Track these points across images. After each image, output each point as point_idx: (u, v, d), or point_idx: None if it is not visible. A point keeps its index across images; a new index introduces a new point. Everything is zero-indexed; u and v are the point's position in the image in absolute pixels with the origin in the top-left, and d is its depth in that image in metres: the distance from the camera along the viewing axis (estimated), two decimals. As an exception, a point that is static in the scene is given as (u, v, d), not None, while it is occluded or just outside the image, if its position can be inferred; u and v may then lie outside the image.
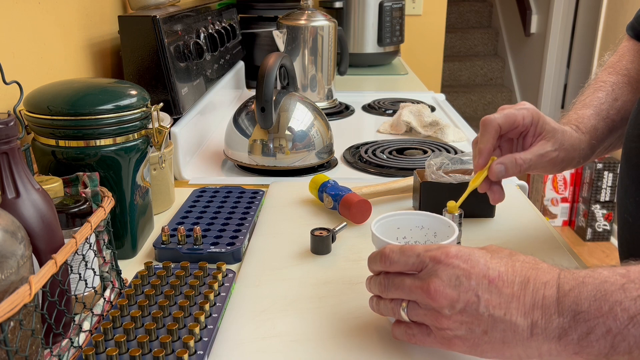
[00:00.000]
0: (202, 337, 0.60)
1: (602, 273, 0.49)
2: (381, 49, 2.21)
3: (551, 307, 0.49)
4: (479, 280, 0.51)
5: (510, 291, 0.50)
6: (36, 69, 0.89)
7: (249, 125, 1.09)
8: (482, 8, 5.05)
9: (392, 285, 0.56)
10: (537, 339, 0.49)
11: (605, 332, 0.46)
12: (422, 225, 0.66)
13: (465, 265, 0.52)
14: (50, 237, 0.55)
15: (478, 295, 0.51)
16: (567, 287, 0.49)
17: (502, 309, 0.50)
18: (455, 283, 0.51)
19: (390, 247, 0.56)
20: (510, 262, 0.52)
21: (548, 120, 0.76)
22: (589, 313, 0.47)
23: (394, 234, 0.66)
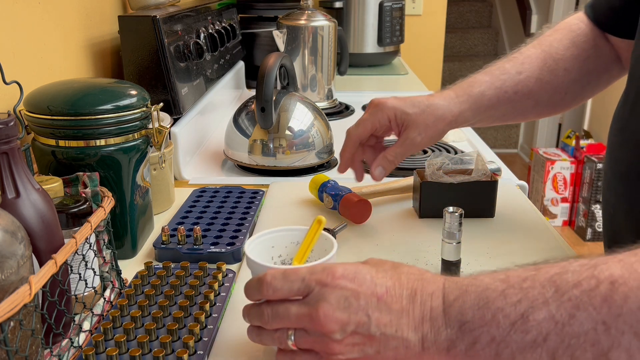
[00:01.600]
0: (202, 337, 0.60)
1: (483, 280, 0.48)
2: (381, 49, 2.21)
3: (439, 318, 0.48)
4: (368, 298, 0.49)
5: (399, 306, 0.49)
6: (36, 69, 0.89)
7: (249, 125, 1.09)
8: (482, 8, 5.05)
9: (276, 316, 0.51)
10: (429, 352, 0.48)
11: (489, 341, 0.46)
12: (297, 241, 0.63)
13: (352, 285, 0.49)
14: (50, 237, 0.55)
15: (368, 314, 0.49)
16: (452, 297, 0.48)
17: (393, 327, 0.49)
18: (345, 305, 0.49)
19: (272, 273, 0.52)
20: (396, 275, 0.51)
21: (408, 108, 0.79)
22: (474, 322, 0.47)
23: (269, 254, 0.62)
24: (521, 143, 4.50)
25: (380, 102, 0.81)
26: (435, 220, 0.88)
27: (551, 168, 3.26)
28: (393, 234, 0.85)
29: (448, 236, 0.71)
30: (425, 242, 0.82)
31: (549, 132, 4.11)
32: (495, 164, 1.07)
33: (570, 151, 3.34)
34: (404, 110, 0.79)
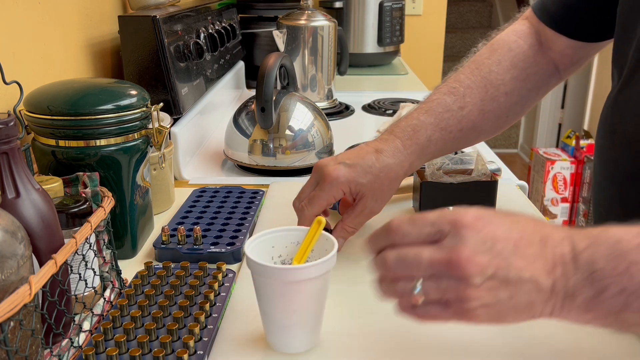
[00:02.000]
0: (202, 337, 0.60)
1: (615, 233, 0.48)
2: (381, 49, 2.21)
3: (569, 264, 0.48)
4: (505, 243, 0.48)
5: (533, 251, 0.48)
6: (36, 69, 0.89)
7: (249, 125, 1.09)
8: (482, 8, 5.05)
9: (403, 261, 0.49)
10: (556, 297, 0.48)
11: (619, 291, 0.46)
12: (297, 241, 0.63)
13: (490, 227, 0.48)
14: (50, 237, 0.55)
15: (507, 259, 0.47)
16: (582, 245, 0.48)
17: (528, 270, 0.48)
18: (485, 248, 0.47)
19: (398, 220, 0.51)
20: (523, 221, 0.50)
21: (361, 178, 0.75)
22: (604, 271, 0.46)
23: (269, 254, 0.62)
24: (521, 143, 4.50)
25: (332, 176, 0.75)
26: (435, 220, 0.88)
27: (551, 168, 3.26)
28: (393, 234, 0.85)
29: (448, 236, 0.71)
30: (425, 242, 0.82)
31: (549, 132, 4.11)
32: (495, 164, 1.07)
33: (571, 151, 3.34)
34: (358, 182, 0.75)
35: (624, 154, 0.71)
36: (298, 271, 0.55)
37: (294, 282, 0.55)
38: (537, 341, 0.60)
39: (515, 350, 0.59)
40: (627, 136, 0.71)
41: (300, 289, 0.56)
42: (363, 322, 0.64)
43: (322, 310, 0.60)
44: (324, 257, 0.57)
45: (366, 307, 0.67)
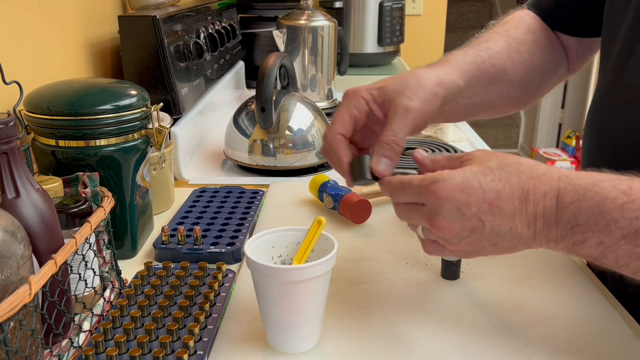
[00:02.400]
0: (202, 337, 0.60)
1: (603, 187, 0.50)
2: (381, 49, 2.21)
3: (551, 217, 0.52)
4: (479, 205, 0.52)
5: (511, 207, 0.52)
6: (36, 69, 0.89)
7: (249, 125, 1.09)
8: (482, 8, 5.05)
9: (404, 215, 0.58)
10: (539, 242, 0.53)
11: (597, 243, 0.50)
12: (297, 241, 0.63)
13: (462, 195, 0.52)
14: (50, 237, 0.55)
15: (481, 219, 0.52)
16: (567, 200, 0.51)
17: (506, 225, 0.53)
18: (457, 215, 0.53)
19: (394, 183, 0.58)
20: (505, 176, 0.53)
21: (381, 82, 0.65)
22: (586, 226, 0.50)
23: (269, 254, 0.62)
24: (521, 143, 4.50)
25: (349, 90, 0.66)
26: (435, 220, 0.88)
27: (551, 168, 3.25)
28: (393, 234, 0.85)
29: (448, 236, 0.71)
30: (425, 242, 0.82)
31: (549, 132, 4.11)
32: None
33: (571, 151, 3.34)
34: (378, 86, 0.64)
35: (611, 158, 0.71)
36: (298, 271, 0.55)
37: (294, 282, 0.55)
38: (537, 340, 0.60)
39: (515, 350, 0.59)
40: (615, 140, 0.70)
41: (300, 289, 0.56)
42: (363, 322, 0.64)
43: (322, 310, 0.60)
44: (324, 257, 0.57)
45: (366, 307, 0.67)
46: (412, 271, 0.74)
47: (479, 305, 0.67)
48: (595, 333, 0.61)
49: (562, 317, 0.64)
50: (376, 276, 0.73)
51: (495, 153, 0.56)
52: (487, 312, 0.65)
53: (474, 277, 0.73)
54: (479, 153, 0.56)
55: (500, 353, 0.59)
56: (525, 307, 0.66)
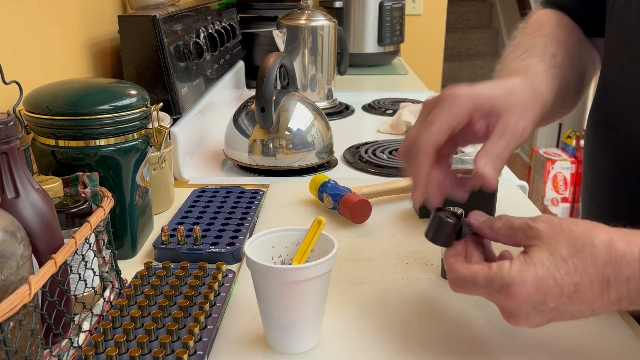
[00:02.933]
0: (202, 337, 0.60)
1: None
2: (381, 49, 2.21)
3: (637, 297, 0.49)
4: (557, 301, 0.50)
5: (592, 295, 0.49)
6: (36, 69, 0.89)
7: (249, 125, 1.09)
8: (482, 8, 5.05)
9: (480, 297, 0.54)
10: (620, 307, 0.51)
11: None
12: (297, 242, 0.63)
13: (538, 295, 0.49)
14: (50, 237, 0.55)
15: (561, 310, 0.50)
16: None
17: (588, 310, 0.50)
18: (534, 313, 0.51)
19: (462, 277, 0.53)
20: (581, 267, 0.49)
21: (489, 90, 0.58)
22: None
23: (269, 254, 0.62)
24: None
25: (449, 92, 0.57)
26: (435, 220, 0.88)
27: (551, 168, 3.25)
28: (393, 234, 0.85)
29: (448, 236, 0.71)
30: (425, 242, 0.81)
31: (549, 132, 4.11)
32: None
33: (571, 151, 3.34)
34: (485, 95, 0.57)
35: (613, 164, 0.70)
36: (298, 271, 0.55)
37: (294, 282, 0.55)
38: (537, 340, 0.60)
39: (516, 350, 0.59)
40: (616, 147, 0.70)
41: (300, 289, 0.56)
42: (363, 321, 0.64)
43: (322, 310, 0.60)
44: (324, 257, 0.57)
45: (366, 306, 0.67)
46: (412, 271, 0.74)
47: (479, 305, 0.67)
48: (595, 333, 0.61)
49: (562, 317, 0.64)
50: (376, 276, 0.73)
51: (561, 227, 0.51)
52: (487, 312, 0.65)
53: (474, 277, 0.73)
54: (544, 227, 0.51)
55: (500, 353, 0.59)
56: (526, 307, 0.66)
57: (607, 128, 0.72)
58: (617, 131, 0.70)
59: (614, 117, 0.71)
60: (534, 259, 0.50)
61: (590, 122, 0.76)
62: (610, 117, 0.71)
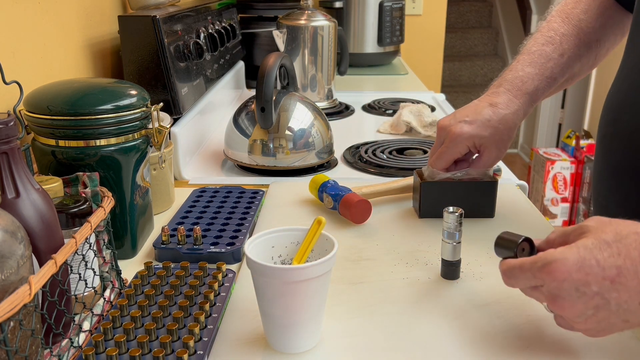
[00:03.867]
0: (202, 337, 0.60)
1: None
2: (381, 49, 2.21)
3: None
4: (600, 283, 0.50)
5: (637, 282, 0.49)
6: (36, 69, 0.89)
7: (249, 125, 1.09)
8: (482, 8, 5.05)
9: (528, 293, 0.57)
10: None
11: None
12: (297, 241, 0.63)
13: (579, 274, 0.50)
14: (50, 237, 0.55)
15: (605, 297, 0.50)
16: None
17: (634, 301, 0.50)
18: (577, 295, 0.51)
19: (510, 266, 0.56)
20: (625, 250, 0.50)
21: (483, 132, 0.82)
22: None
23: (269, 254, 0.62)
24: (521, 143, 4.50)
25: (455, 133, 0.83)
26: (435, 220, 0.88)
27: (551, 168, 3.25)
28: (393, 234, 0.85)
29: (448, 236, 0.71)
30: (425, 242, 0.82)
31: (549, 132, 4.11)
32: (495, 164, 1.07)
33: (571, 151, 3.34)
34: (480, 136, 0.82)
35: (626, 145, 0.71)
36: (298, 271, 0.55)
37: (294, 282, 0.55)
38: (537, 340, 0.60)
39: (515, 350, 0.59)
40: (629, 126, 0.71)
41: (300, 289, 0.56)
42: (363, 321, 0.64)
43: (322, 310, 0.60)
44: (324, 257, 0.57)
45: (366, 306, 0.67)
46: (412, 271, 0.74)
47: (479, 305, 0.67)
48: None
49: (562, 317, 0.64)
50: (376, 276, 0.73)
51: (611, 222, 0.53)
52: (487, 312, 0.65)
53: (474, 277, 0.73)
54: (593, 222, 0.53)
55: (500, 353, 0.59)
56: (525, 307, 0.66)
57: (622, 108, 0.74)
58: (632, 111, 0.72)
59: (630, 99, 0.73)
60: (577, 244, 0.52)
61: (606, 103, 0.78)
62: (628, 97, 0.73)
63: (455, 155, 0.84)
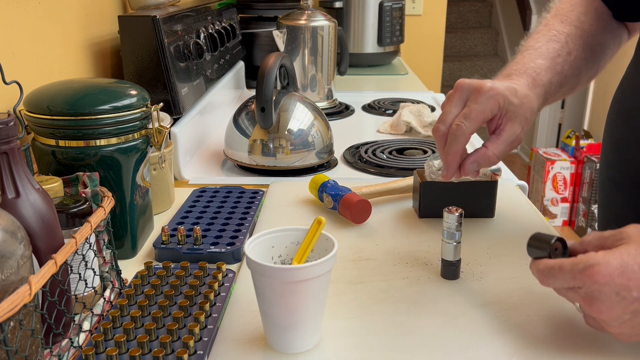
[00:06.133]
0: (202, 337, 0.60)
1: None
2: (381, 49, 2.21)
3: None
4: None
5: None
6: (36, 69, 0.89)
7: (249, 125, 1.09)
8: (482, 8, 5.05)
9: (563, 294, 0.56)
10: None
11: None
12: (297, 241, 0.63)
13: (621, 279, 0.50)
14: (50, 237, 0.55)
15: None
16: None
17: None
18: (617, 299, 0.51)
19: (548, 266, 0.55)
20: None
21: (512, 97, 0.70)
22: None
23: (269, 254, 0.62)
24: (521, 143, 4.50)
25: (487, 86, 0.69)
26: (435, 220, 0.88)
27: (551, 168, 3.26)
28: (393, 234, 0.85)
29: (448, 236, 0.71)
30: (425, 242, 0.82)
31: (549, 132, 4.11)
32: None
33: (570, 151, 3.34)
34: (510, 100, 0.70)
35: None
36: (298, 271, 0.55)
37: (294, 282, 0.55)
38: (537, 340, 0.60)
39: (515, 350, 0.59)
40: None
41: (300, 289, 0.56)
42: (363, 322, 0.64)
43: (323, 310, 0.60)
44: (324, 257, 0.57)
45: (366, 306, 0.67)
46: (412, 271, 0.74)
47: (479, 305, 0.67)
48: (595, 333, 0.61)
49: (561, 317, 0.64)
50: (376, 276, 0.73)
51: None
52: (487, 312, 0.65)
53: (473, 277, 0.73)
54: (633, 230, 0.53)
55: (500, 353, 0.59)
56: (525, 307, 0.66)
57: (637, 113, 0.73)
58: None
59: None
60: (620, 249, 0.52)
61: (623, 113, 0.76)
62: None
63: (486, 113, 0.69)
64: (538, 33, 0.82)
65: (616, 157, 0.76)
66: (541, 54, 0.77)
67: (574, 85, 0.82)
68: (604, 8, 0.84)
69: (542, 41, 0.79)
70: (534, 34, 0.83)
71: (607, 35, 0.84)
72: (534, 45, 0.79)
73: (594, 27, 0.82)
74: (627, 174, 0.74)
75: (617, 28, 0.85)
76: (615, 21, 0.85)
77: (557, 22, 0.82)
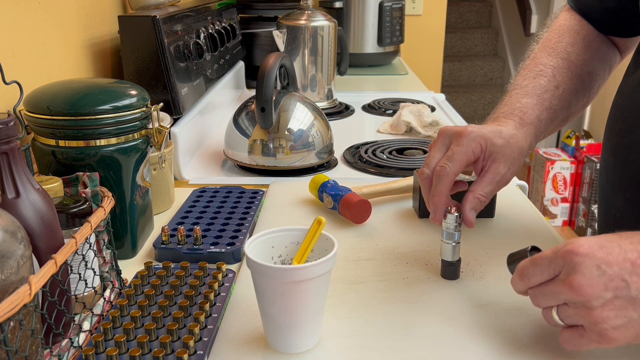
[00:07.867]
0: (202, 337, 0.60)
1: None
2: (381, 49, 2.21)
3: None
4: (621, 264, 0.50)
5: None
6: (36, 69, 0.89)
7: (249, 125, 1.09)
8: (482, 8, 5.05)
9: (540, 296, 0.55)
10: None
11: None
12: (297, 241, 0.63)
13: (602, 253, 0.50)
14: (50, 237, 0.55)
15: (625, 279, 0.49)
16: None
17: None
18: (598, 273, 0.50)
19: (522, 265, 0.55)
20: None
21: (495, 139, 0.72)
22: None
23: (269, 254, 0.62)
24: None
25: (467, 130, 0.72)
26: (435, 220, 0.88)
27: (551, 168, 3.26)
28: (393, 234, 0.85)
29: (447, 236, 0.71)
30: (425, 242, 0.82)
31: (549, 132, 4.11)
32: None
33: (570, 151, 3.34)
34: (492, 141, 0.71)
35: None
36: (298, 271, 0.55)
37: (294, 282, 0.55)
38: (537, 340, 0.60)
39: (515, 350, 0.59)
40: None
41: (300, 289, 0.56)
42: (363, 322, 0.64)
43: (322, 310, 0.60)
44: (324, 257, 0.57)
45: (366, 306, 0.67)
46: (412, 271, 0.74)
47: (479, 305, 0.67)
48: (595, 333, 0.61)
49: (562, 317, 0.64)
50: (376, 276, 0.73)
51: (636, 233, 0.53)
52: (487, 312, 0.65)
53: (473, 277, 0.73)
54: (618, 233, 0.54)
55: (500, 353, 0.59)
56: (525, 307, 0.66)
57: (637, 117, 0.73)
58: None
59: None
60: (597, 236, 0.52)
61: (620, 114, 0.76)
62: None
63: (469, 154, 0.70)
64: (525, 69, 0.83)
65: (615, 161, 0.76)
66: (527, 92, 0.79)
67: (565, 117, 0.83)
68: (592, 35, 0.84)
69: (529, 78, 0.81)
70: (521, 69, 0.84)
71: (596, 62, 0.84)
72: (521, 83, 0.80)
73: (581, 57, 0.82)
74: (626, 177, 0.74)
75: (607, 53, 0.85)
76: (604, 46, 0.85)
77: (544, 55, 0.83)
